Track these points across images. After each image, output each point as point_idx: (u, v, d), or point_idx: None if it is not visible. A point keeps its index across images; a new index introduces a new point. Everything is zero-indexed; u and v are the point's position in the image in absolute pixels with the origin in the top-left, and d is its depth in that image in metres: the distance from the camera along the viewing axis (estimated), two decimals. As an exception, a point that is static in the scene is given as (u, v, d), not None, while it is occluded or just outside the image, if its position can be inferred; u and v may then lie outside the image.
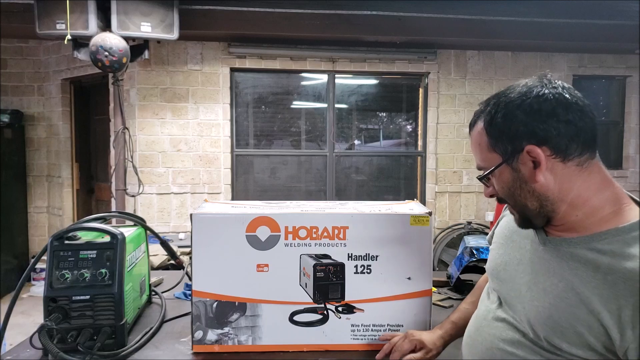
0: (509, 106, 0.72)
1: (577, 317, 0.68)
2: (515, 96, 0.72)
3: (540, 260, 0.76)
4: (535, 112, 0.70)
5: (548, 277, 0.74)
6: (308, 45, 4.03)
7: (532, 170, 0.72)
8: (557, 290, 0.71)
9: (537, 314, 0.73)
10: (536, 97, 0.71)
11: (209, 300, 1.03)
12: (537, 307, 0.73)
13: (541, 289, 0.74)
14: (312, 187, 4.32)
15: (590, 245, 0.70)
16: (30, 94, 4.47)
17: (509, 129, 0.72)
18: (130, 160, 3.51)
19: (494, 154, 0.75)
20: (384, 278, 1.05)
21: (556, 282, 0.72)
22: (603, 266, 0.67)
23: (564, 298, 0.70)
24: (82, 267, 1.02)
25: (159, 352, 1.04)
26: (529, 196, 0.73)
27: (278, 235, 1.03)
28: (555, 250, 0.74)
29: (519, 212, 0.77)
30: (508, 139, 0.72)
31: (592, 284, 0.67)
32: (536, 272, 0.76)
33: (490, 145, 0.75)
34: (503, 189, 0.76)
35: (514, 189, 0.75)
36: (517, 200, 0.75)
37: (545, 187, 0.72)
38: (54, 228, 4.48)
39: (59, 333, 0.98)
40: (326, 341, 1.06)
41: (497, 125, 0.73)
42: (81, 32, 3.02)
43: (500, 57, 4.29)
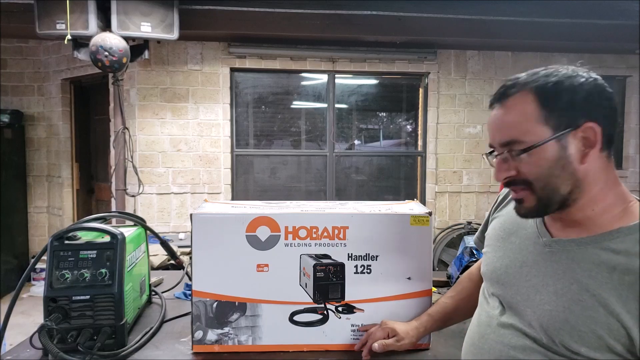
0: (569, 80, 0.68)
1: (595, 320, 0.65)
2: (570, 74, 0.69)
3: (547, 262, 0.73)
4: (596, 91, 0.68)
5: (558, 279, 0.70)
6: (308, 45, 4.03)
7: (582, 151, 0.67)
8: (571, 293, 0.68)
9: (551, 318, 0.69)
10: (593, 79, 0.69)
11: (209, 300, 1.03)
12: (551, 311, 0.69)
13: (552, 291, 0.70)
14: (312, 187, 4.32)
15: (602, 244, 0.67)
16: (30, 94, 4.47)
17: (570, 101, 0.67)
18: (130, 160, 3.51)
19: (543, 127, 0.68)
20: (384, 278, 1.05)
21: (568, 285, 0.68)
22: (619, 266, 0.64)
23: (579, 301, 0.66)
24: (82, 267, 1.02)
25: (159, 352, 1.04)
26: (567, 179, 0.68)
27: (278, 235, 1.03)
28: (563, 252, 0.71)
29: (544, 196, 0.70)
30: (568, 111, 0.67)
31: (609, 285, 0.64)
32: (544, 275, 0.72)
33: (541, 116, 0.68)
34: (541, 167, 0.68)
35: (554, 168, 0.68)
36: (552, 181, 0.69)
37: (586, 172, 0.68)
38: (54, 228, 4.48)
39: (59, 333, 0.98)
40: (326, 341, 1.06)
41: (558, 96, 0.67)
42: (81, 32, 3.02)
43: (500, 57, 4.29)
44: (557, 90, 0.68)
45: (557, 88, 0.68)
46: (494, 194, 4.26)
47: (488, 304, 0.85)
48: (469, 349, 0.86)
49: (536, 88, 0.69)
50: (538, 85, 0.69)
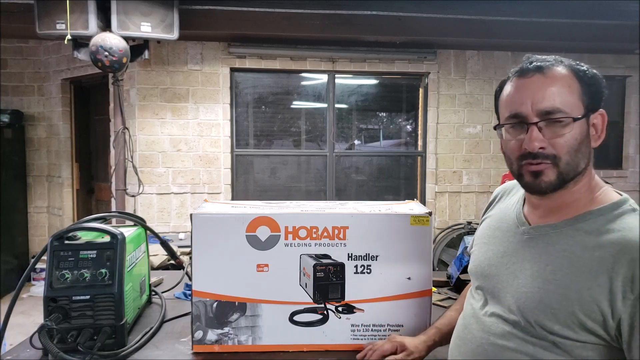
0: (592, 69, 0.74)
1: (567, 297, 0.67)
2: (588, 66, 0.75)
3: (526, 248, 0.77)
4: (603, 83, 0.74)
5: (534, 262, 0.74)
6: (308, 45, 4.03)
7: (595, 134, 0.74)
8: (546, 273, 0.71)
9: (527, 300, 0.72)
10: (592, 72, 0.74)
11: (209, 300, 1.03)
12: (526, 293, 0.72)
13: (528, 275, 0.74)
14: (312, 187, 4.32)
15: (575, 226, 0.71)
16: (30, 94, 4.47)
17: (597, 86, 0.73)
18: (130, 160, 3.51)
19: (579, 104, 0.71)
20: (384, 278, 1.05)
21: (543, 267, 0.72)
22: (590, 244, 0.68)
23: (553, 280, 0.70)
24: (82, 267, 1.02)
25: (159, 352, 1.04)
26: (585, 158, 0.73)
27: (278, 235, 1.03)
28: (540, 237, 0.75)
29: (565, 171, 0.72)
30: (596, 95, 0.73)
31: (580, 263, 0.68)
32: (522, 260, 0.76)
33: (581, 92, 0.72)
34: (575, 142, 0.71)
35: (581, 145, 0.71)
36: (577, 158, 0.72)
37: (592, 154, 0.74)
38: (54, 228, 4.48)
39: (59, 333, 0.98)
40: (326, 341, 1.06)
41: (590, 78, 0.73)
42: (81, 32, 3.02)
43: (500, 57, 4.29)
44: (590, 74, 0.73)
45: (588, 72, 0.73)
46: (494, 194, 4.27)
47: (473, 298, 0.87)
48: (454, 341, 0.88)
49: (570, 67, 0.73)
50: (570, 64, 0.74)
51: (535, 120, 0.72)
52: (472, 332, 0.82)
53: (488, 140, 4.34)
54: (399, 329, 1.07)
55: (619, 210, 0.70)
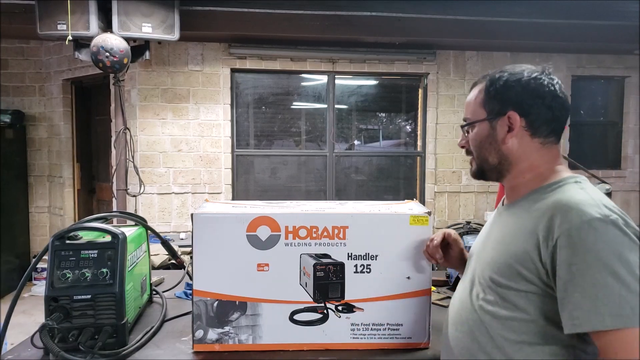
0: (512, 77, 0.86)
1: (509, 251, 0.80)
2: (519, 71, 0.86)
3: (496, 224, 0.92)
4: (529, 89, 0.84)
5: (496, 233, 0.89)
6: (308, 46, 4.04)
7: (505, 133, 0.86)
8: (499, 237, 0.86)
9: (483, 262, 0.86)
10: (534, 78, 0.85)
11: (209, 299, 1.03)
12: (485, 257, 0.87)
13: (489, 243, 0.89)
14: (312, 187, 4.33)
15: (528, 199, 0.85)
16: (31, 95, 4.48)
17: (503, 93, 0.86)
18: (132, 160, 3.52)
19: (482, 110, 0.88)
20: (384, 277, 1.06)
21: (501, 234, 0.86)
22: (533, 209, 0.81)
23: (502, 242, 0.84)
24: (83, 267, 1.03)
25: (160, 352, 1.05)
26: (493, 152, 0.88)
27: (278, 234, 1.04)
28: (505, 213, 0.90)
29: (478, 163, 0.91)
30: (499, 101, 0.86)
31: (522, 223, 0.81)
32: (492, 234, 0.90)
33: (483, 101, 0.88)
34: (475, 140, 0.90)
35: (484, 143, 0.89)
36: (483, 153, 0.89)
37: (509, 149, 0.86)
38: (55, 228, 4.48)
39: (60, 332, 0.99)
40: (326, 340, 1.06)
41: (495, 88, 0.87)
42: (82, 32, 3.03)
43: (499, 58, 4.29)
44: (497, 83, 0.87)
45: (497, 82, 0.87)
46: (492, 194, 4.27)
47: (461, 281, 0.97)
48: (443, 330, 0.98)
49: (488, 80, 0.89)
50: (491, 76, 0.89)
51: (462, 124, 0.94)
52: (452, 303, 0.96)
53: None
54: (398, 328, 1.07)
55: (563, 183, 0.82)
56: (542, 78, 0.84)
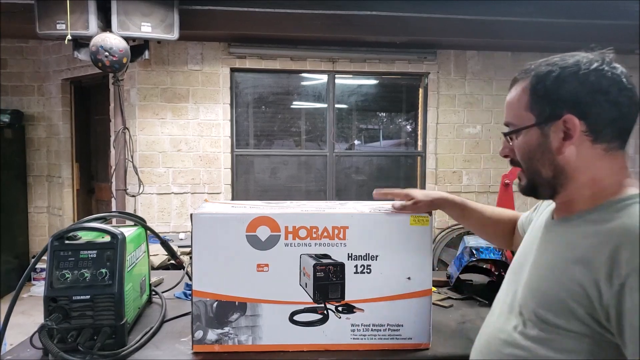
0: (564, 71, 0.70)
1: (560, 283, 0.67)
2: (572, 62, 0.70)
3: (543, 242, 0.77)
4: (588, 83, 0.68)
5: (541, 254, 0.75)
6: (308, 46, 4.04)
7: (560, 141, 0.70)
8: (546, 262, 0.72)
9: (527, 288, 0.73)
10: (595, 70, 0.69)
11: (209, 300, 1.03)
12: (527, 282, 0.74)
13: (535, 267, 0.75)
14: (312, 187, 4.33)
15: (584, 217, 0.70)
16: (30, 94, 4.47)
17: (555, 92, 0.70)
18: (131, 160, 3.51)
19: (529, 114, 0.73)
20: (384, 278, 1.06)
21: (547, 256, 0.73)
22: (590, 232, 0.67)
23: (552, 269, 0.70)
24: (82, 267, 1.02)
25: (159, 352, 1.04)
26: (547, 164, 0.73)
27: (278, 235, 1.03)
28: (553, 230, 0.76)
29: (529, 177, 0.77)
30: (549, 103, 0.71)
31: (577, 250, 0.67)
32: (539, 254, 0.76)
33: (529, 103, 0.73)
34: (523, 150, 0.75)
35: (534, 153, 0.74)
36: (533, 165, 0.75)
37: (566, 160, 0.71)
38: (54, 228, 4.48)
39: (59, 333, 0.98)
40: (326, 341, 1.06)
41: (544, 86, 0.71)
42: (81, 32, 3.02)
43: (500, 58, 4.29)
44: (546, 80, 0.71)
45: (546, 78, 0.71)
46: (493, 194, 4.27)
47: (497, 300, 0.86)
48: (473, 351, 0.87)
49: (533, 76, 0.73)
50: (536, 73, 0.73)
51: (505, 131, 0.80)
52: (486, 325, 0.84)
53: (488, 140, 4.34)
54: (398, 328, 1.07)
55: (631, 202, 0.66)
56: (603, 68, 0.69)
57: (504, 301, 0.80)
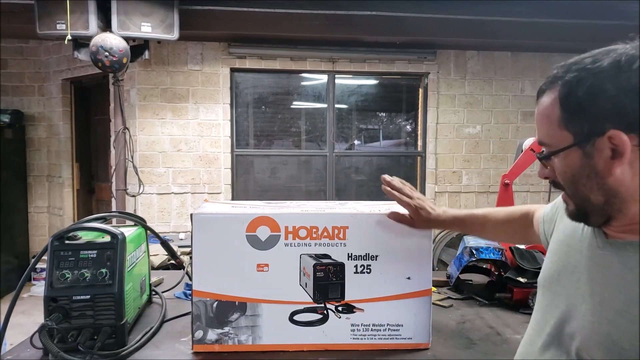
0: (598, 76, 0.57)
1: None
2: (609, 64, 0.57)
3: (598, 266, 0.64)
4: (632, 88, 0.55)
5: (607, 287, 0.61)
6: (308, 46, 4.04)
7: (608, 160, 0.58)
8: (617, 303, 0.59)
9: (592, 331, 0.60)
10: (638, 70, 0.56)
11: (209, 300, 1.03)
12: (592, 323, 0.61)
13: (598, 301, 0.61)
14: (312, 187, 4.33)
15: None
16: (30, 94, 4.47)
17: (591, 105, 0.58)
18: (131, 160, 3.51)
19: (565, 132, 0.61)
20: (384, 278, 1.06)
21: (616, 294, 0.59)
22: None
23: (625, 313, 0.57)
24: (82, 267, 1.02)
25: (159, 352, 1.04)
26: (595, 189, 0.60)
27: (278, 235, 1.03)
28: (617, 255, 0.61)
29: (577, 204, 0.64)
30: (587, 118, 0.58)
31: None
32: (593, 281, 0.63)
33: (562, 120, 0.61)
34: (565, 174, 0.63)
35: (579, 177, 0.61)
36: (579, 190, 0.62)
37: (620, 182, 0.58)
38: (54, 228, 4.48)
39: (59, 333, 0.98)
40: (326, 341, 1.06)
41: (577, 98, 0.58)
42: (81, 32, 3.03)
43: (499, 58, 4.29)
44: (577, 90, 0.59)
45: (577, 88, 0.59)
46: (493, 194, 4.27)
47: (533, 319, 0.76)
48: None
49: (562, 85, 0.61)
50: (564, 82, 0.61)
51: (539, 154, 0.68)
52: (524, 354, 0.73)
53: (488, 140, 4.34)
54: (398, 328, 1.07)
55: None
56: None
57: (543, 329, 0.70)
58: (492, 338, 1.13)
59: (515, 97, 4.30)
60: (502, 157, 4.34)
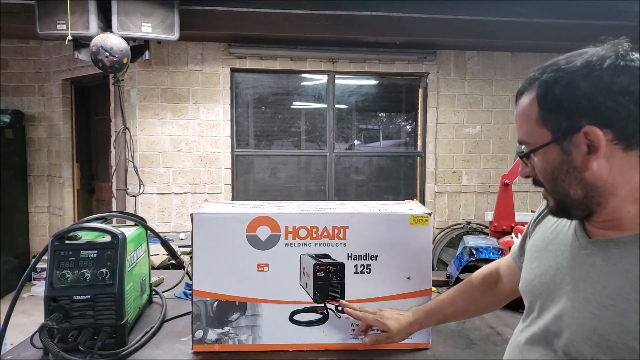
0: (572, 75, 0.60)
1: (627, 328, 0.56)
2: (581, 64, 0.61)
3: (582, 265, 0.65)
4: (605, 86, 0.59)
5: (591, 283, 0.62)
6: (308, 46, 4.04)
7: (585, 155, 0.60)
8: (601, 297, 0.60)
9: (578, 328, 0.62)
10: (609, 68, 0.59)
11: (209, 299, 1.03)
12: (578, 319, 0.62)
13: (582, 297, 0.63)
14: (312, 187, 4.33)
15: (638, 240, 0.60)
16: (31, 94, 4.48)
17: (567, 102, 0.61)
18: (131, 160, 3.51)
19: (543, 130, 0.64)
20: (384, 278, 1.06)
21: (600, 289, 0.61)
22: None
23: (610, 306, 0.59)
24: (82, 267, 1.02)
25: (160, 352, 1.04)
26: (574, 184, 0.63)
27: (278, 235, 1.03)
28: (600, 253, 0.63)
29: (557, 199, 0.67)
30: (564, 115, 0.61)
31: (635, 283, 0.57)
32: (577, 280, 0.65)
33: (540, 118, 0.64)
34: (545, 170, 0.65)
35: (557, 172, 0.64)
36: (558, 186, 0.65)
37: (597, 176, 0.61)
38: (54, 228, 4.48)
39: (59, 333, 0.98)
40: (326, 340, 1.06)
41: (554, 97, 0.62)
42: (82, 32, 3.03)
43: (499, 58, 4.29)
44: (554, 89, 0.62)
45: (554, 87, 0.62)
46: (493, 194, 4.27)
47: (521, 322, 0.78)
48: None
49: (539, 85, 0.64)
50: (542, 82, 0.64)
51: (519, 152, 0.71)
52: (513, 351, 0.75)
53: (487, 140, 4.34)
54: (398, 328, 1.07)
55: None
56: (619, 64, 0.59)
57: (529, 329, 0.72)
58: (492, 338, 1.13)
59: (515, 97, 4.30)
60: (502, 157, 4.34)
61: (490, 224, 3.00)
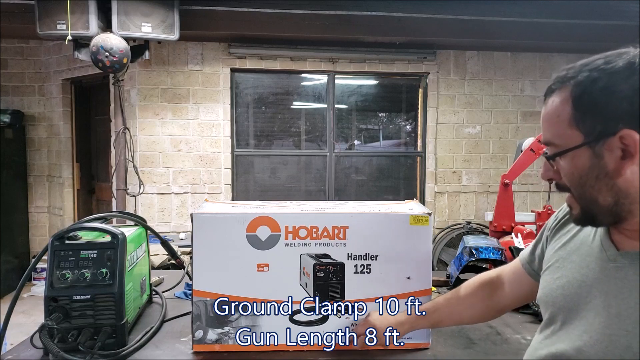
0: (613, 77, 0.58)
1: None
2: (622, 66, 0.58)
3: (611, 279, 0.62)
4: None
5: (623, 299, 0.59)
6: (308, 46, 4.04)
7: (618, 161, 0.58)
8: (636, 313, 0.58)
9: (611, 344, 0.59)
10: None
11: (209, 299, 1.03)
12: (610, 336, 0.59)
13: (614, 313, 0.60)
14: (312, 187, 4.33)
15: None
16: (31, 94, 4.48)
17: (606, 104, 0.58)
18: (131, 160, 3.51)
19: (575, 132, 0.60)
20: (384, 278, 1.06)
21: (633, 305, 0.58)
22: None
23: None
24: (82, 267, 1.02)
25: (160, 352, 1.04)
26: (604, 190, 0.60)
27: (278, 235, 1.03)
28: (631, 266, 0.60)
29: (584, 206, 0.63)
30: (600, 117, 0.58)
31: None
32: (606, 294, 0.62)
33: (573, 119, 0.60)
34: (572, 175, 0.62)
35: (587, 178, 0.61)
36: (586, 192, 0.61)
37: (629, 182, 0.58)
38: (54, 228, 4.48)
39: (59, 333, 0.98)
40: (326, 340, 1.06)
41: (592, 97, 0.59)
42: (82, 32, 3.03)
43: (499, 58, 4.29)
44: (592, 90, 0.59)
45: (591, 87, 0.59)
46: (493, 194, 4.27)
47: (540, 332, 0.75)
48: None
49: (574, 84, 0.61)
50: (577, 81, 0.61)
51: (546, 153, 0.67)
52: None
53: (487, 140, 4.34)
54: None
55: None
56: None
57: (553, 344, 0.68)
58: (492, 338, 1.13)
59: (515, 97, 4.31)
60: (502, 157, 4.34)
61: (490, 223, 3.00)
